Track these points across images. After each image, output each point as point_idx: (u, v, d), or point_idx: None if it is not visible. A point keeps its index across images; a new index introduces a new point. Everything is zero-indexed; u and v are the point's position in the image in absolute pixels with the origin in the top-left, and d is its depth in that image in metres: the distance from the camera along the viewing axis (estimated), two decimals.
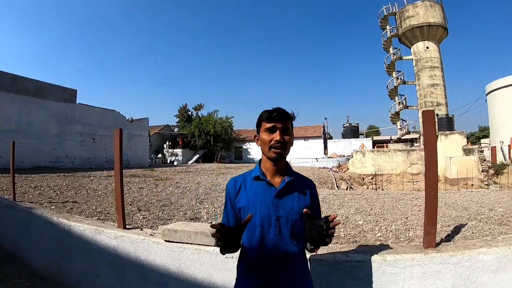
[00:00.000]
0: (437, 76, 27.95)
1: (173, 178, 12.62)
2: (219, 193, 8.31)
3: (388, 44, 30.89)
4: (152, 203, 6.52)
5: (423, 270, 2.13)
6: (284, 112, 1.54)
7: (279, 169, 1.57)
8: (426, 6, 27.92)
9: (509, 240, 2.41)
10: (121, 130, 3.27)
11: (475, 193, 7.89)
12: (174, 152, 37.79)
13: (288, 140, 1.53)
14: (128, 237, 2.93)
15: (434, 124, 2.38)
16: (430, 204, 2.36)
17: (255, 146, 44.17)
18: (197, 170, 19.30)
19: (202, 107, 43.95)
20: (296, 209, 1.52)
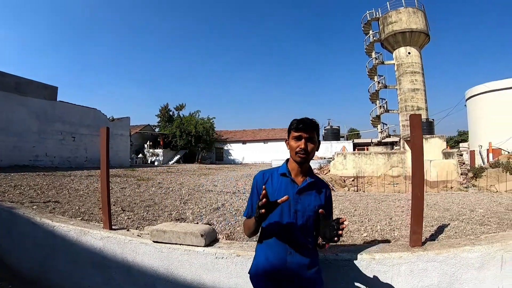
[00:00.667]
0: (418, 81, 28.53)
1: (155, 179, 12.48)
2: (202, 194, 8.26)
3: (371, 48, 31.36)
4: (135, 204, 6.44)
5: (410, 268, 2.19)
6: (310, 123, 1.75)
7: (302, 170, 1.81)
8: (409, 13, 28.45)
9: (491, 238, 2.49)
10: (108, 129, 3.21)
11: (456, 195, 8.09)
12: (155, 152, 37.34)
13: (312, 148, 1.75)
14: (115, 238, 2.87)
15: (421, 128, 2.47)
16: (416, 204, 2.43)
17: (236, 147, 44.35)
18: (179, 170, 19.11)
19: (184, 107, 43.67)
20: (312, 206, 1.75)
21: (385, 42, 29.76)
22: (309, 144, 1.74)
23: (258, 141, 44.74)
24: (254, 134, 46.71)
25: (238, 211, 6.07)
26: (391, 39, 28.91)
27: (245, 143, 45.03)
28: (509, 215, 4.66)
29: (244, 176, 16.16)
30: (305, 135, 1.73)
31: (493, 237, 2.58)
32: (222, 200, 7.55)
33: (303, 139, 1.73)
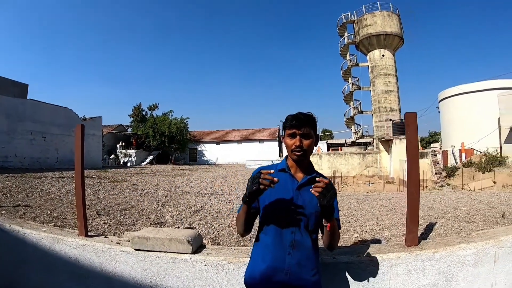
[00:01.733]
0: (392, 83, 29.10)
1: (129, 180, 12.22)
2: (179, 196, 8.09)
3: (345, 50, 31.68)
4: (111, 207, 6.20)
5: (408, 268, 2.16)
6: (303, 119, 1.66)
7: (301, 167, 1.73)
8: (384, 16, 28.89)
9: (483, 235, 2.49)
10: (83, 127, 2.96)
11: (435, 194, 8.24)
12: (128, 153, 36.56)
13: (309, 143, 1.66)
14: (92, 246, 2.64)
15: (416, 127, 2.44)
16: (412, 203, 2.38)
17: (210, 148, 44.19)
18: (152, 171, 18.83)
19: (157, 107, 43.04)
20: (313, 202, 1.61)
21: (360, 44, 30.20)
22: (304, 141, 1.65)
23: (232, 142, 44.89)
24: (228, 134, 46.74)
25: (219, 214, 5.94)
26: (366, 41, 29.36)
27: (219, 144, 45.08)
28: (492, 212, 4.76)
29: (220, 177, 16.11)
30: (299, 131, 1.64)
31: (485, 233, 2.59)
32: (201, 202, 7.41)
33: (298, 136, 1.65)
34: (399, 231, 3.69)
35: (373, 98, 29.90)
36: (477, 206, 5.51)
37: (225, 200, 8.00)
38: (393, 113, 28.76)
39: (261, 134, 45.45)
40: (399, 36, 29.43)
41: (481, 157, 21.19)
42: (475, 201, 6.15)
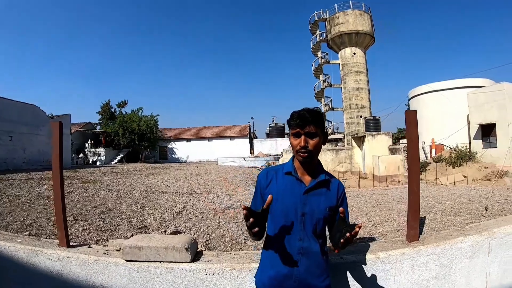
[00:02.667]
0: (362, 80, 29.80)
1: (102, 180, 11.86)
2: (157, 196, 7.89)
3: (317, 48, 32.11)
4: (87, 210, 5.93)
5: (412, 263, 2.18)
6: (308, 117, 1.53)
7: (309, 168, 1.62)
8: (356, 15, 29.52)
9: (477, 228, 2.56)
10: (61, 124, 2.74)
11: None
12: (97, 152, 35.69)
13: (315, 143, 1.55)
14: (76, 258, 2.41)
15: (417, 124, 2.42)
16: (413, 200, 2.40)
17: (181, 145, 43.66)
18: (124, 170, 18.40)
19: (126, 104, 42.27)
20: (322, 207, 1.58)
21: (331, 42, 30.73)
22: (310, 140, 1.53)
23: (202, 139, 44.52)
24: (199, 132, 46.25)
25: (204, 215, 5.81)
26: (338, 39, 29.91)
27: (190, 141, 44.61)
28: (475, 206, 4.91)
29: (194, 175, 15.95)
30: (303, 131, 1.53)
31: (478, 226, 2.66)
32: (181, 202, 7.26)
33: (302, 135, 1.54)
34: (392, 227, 3.72)
35: (344, 95, 30.54)
36: (459, 200, 5.67)
37: (206, 200, 7.88)
38: (364, 110, 29.49)
39: (232, 131, 45.30)
40: (371, 35, 30.20)
41: (451, 153, 22.02)
42: (455, 195, 6.34)
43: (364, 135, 24.63)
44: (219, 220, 5.39)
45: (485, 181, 17.19)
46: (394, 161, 20.80)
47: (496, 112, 19.90)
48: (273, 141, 39.33)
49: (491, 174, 18.05)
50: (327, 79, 31.58)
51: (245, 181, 15.14)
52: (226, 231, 4.63)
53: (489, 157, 20.05)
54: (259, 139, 44.07)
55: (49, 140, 21.08)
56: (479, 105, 21.04)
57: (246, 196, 9.26)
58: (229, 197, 8.97)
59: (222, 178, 15.30)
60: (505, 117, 19.41)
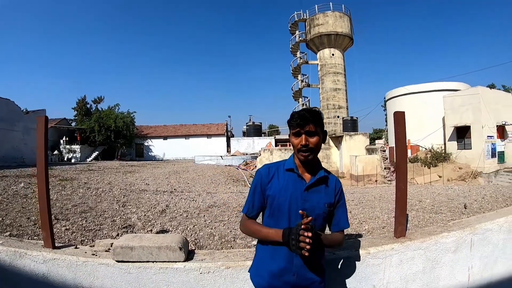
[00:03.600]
0: (340, 81, 30.33)
1: (79, 178, 11.60)
2: (138, 194, 7.79)
3: (296, 48, 32.51)
4: (68, 209, 5.78)
5: (400, 258, 2.27)
6: (308, 116, 1.59)
7: (309, 166, 1.67)
8: (335, 16, 30.10)
9: (459, 224, 2.69)
10: (47, 118, 2.66)
11: (387, 187, 8.59)
12: (72, 149, 34.57)
13: (315, 141, 1.60)
14: (63, 260, 2.31)
15: (405, 124, 2.50)
16: (401, 197, 2.49)
17: (157, 143, 43.16)
18: (100, 168, 18.07)
19: (102, 100, 41.28)
20: (321, 204, 1.63)
21: (311, 42, 31.12)
22: (310, 139, 1.59)
23: (179, 137, 44.11)
24: (175, 129, 45.78)
25: (188, 213, 5.78)
26: (317, 40, 30.31)
27: (166, 139, 44.10)
28: (454, 204, 5.09)
29: (172, 174, 15.85)
30: (303, 130, 1.58)
31: (460, 223, 2.78)
32: (163, 200, 7.20)
33: (303, 134, 1.59)
34: (377, 224, 3.81)
35: (321, 95, 30.97)
36: (438, 198, 5.86)
37: (188, 198, 7.83)
38: (341, 110, 29.98)
39: (209, 129, 45.07)
40: (349, 37, 30.72)
41: (426, 153, 22.64)
42: (434, 194, 6.52)
43: (342, 135, 25.05)
44: (205, 219, 5.37)
45: (459, 181, 17.80)
46: (371, 161, 21.25)
47: (471, 115, 20.60)
48: (250, 140, 39.41)
49: (465, 174, 18.71)
50: (305, 79, 32.00)
51: (224, 179, 15.14)
52: (214, 229, 4.62)
53: (463, 158, 20.76)
54: (236, 138, 43.98)
55: (24, 137, 20.31)
56: (455, 108, 21.75)
57: (228, 194, 9.25)
58: (211, 195, 8.94)
59: (201, 177, 15.24)
60: (479, 119, 20.14)
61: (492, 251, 2.57)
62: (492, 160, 20.55)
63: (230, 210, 6.49)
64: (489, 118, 20.44)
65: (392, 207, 5.00)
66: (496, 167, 20.47)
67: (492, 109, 20.80)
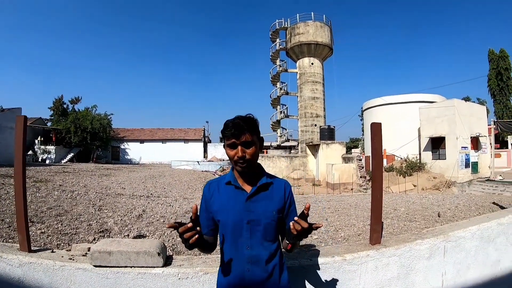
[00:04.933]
0: (318, 90, 30.75)
1: (54, 180, 11.34)
2: (114, 198, 7.69)
3: (276, 56, 32.78)
4: (43, 212, 5.65)
5: (376, 264, 2.31)
6: (243, 125, 1.49)
7: (250, 176, 1.60)
8: (316, 26, 30.54)
9: (433, 232, 2.77)
10: (26, 118, 2.62)
11: (363, 196, 8.75)
12: (47, 149, 33.60)
13: (252, 152, 1.52)
14: (40, 264, 2.27)
15: (381, 136, 2.57)
16: (376, 206, 2.55)
17: (133, 146, 42.83)
18: (75, 170, 17.72)
19: (80, 101, 40.56)
20: (268, 212, 1.56)
21: (291, 51, 31.47)
22: (247, 150, 1.50)
23: (156, 141, 44.00)
24: (152, 133, 45.58)
25: (165, 218, 5.73)
26: (297, 49, 30.68)
27: (143, 142, 43.91)
28: (428, 212, 5.24)
29: (148, 178, 15.69)
30: (238, 141, 1.49)
31: (434, 230, 2.87)
32: (139, 205, 7.11)
33: (238, 146, 1.49)
34: (353, 231, 3.88)
35: (299, 103, 31.31)
36: (413, 207, 6.01)
37: (165, 203, 7.77)
38: (318, 119, 30.39)
39: (186, 134, 45.00)
40: (329, 47, 31.26)
41: (401, 163, 23.17)
42: (408, 202, 6.69)
43: (319, 144, 25.36)
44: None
45: (434, 190, 18.29)
46: (347, 169, 21.59)
47: (446, 126, 21.23)
48: None
49: (439, 184, 19.24)
50: (284, 87, 32.30)
51: (201, 185, 15.12)
52: None
53: (438, 168, 21.35)
54: (213, 144, 44.01)
55: None
56: (430, 119, 22.40)
57: None
58: (188, 200, 8.89)
59: (177, 182, 15.15)
60: (454, 131, 20.78)
61: (465, 258, 2.67)
62: (466, 170, 21.20)
63: None
64: (463, 130, 21.11)
65: (367, 215, 5.11)
66: (469, 177, 21.12)
67: (467, 121, 21.52)
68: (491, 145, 23.11)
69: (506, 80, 38.60)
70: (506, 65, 38.58)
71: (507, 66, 38.62)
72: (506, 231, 3.09)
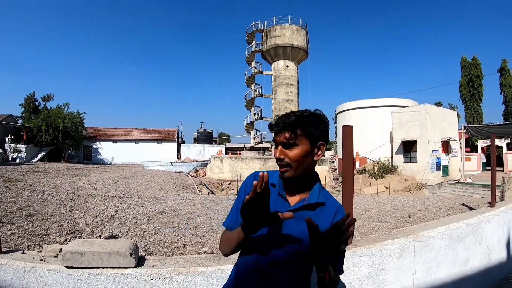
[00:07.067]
0: (293, 93, 31.07)
1: (24, 180, 10.96)
2: (86, 199, 7.52)
3: (251, 58, 32.82)
4: (13, 213, 5.47)
5: (347, 263, 2.33)
6: (282, 122, 1.26)
7: (296, 185, 1.29)
8: (292, 30, 30.78)
9: (403, 232, 2.87)
10: None
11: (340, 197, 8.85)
12: (17, 148, 32.18)
13: (295, 155, 1.22)
14: (10, 265, 2.18)
15: (352, 138, 2.63)
16: (347, 206, 2.61)
17: (106, 146, 41.99)
18: (46, 170, 17.10)
19: (52, 98, 39.23)
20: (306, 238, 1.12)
21: (266, 53, 31.59)
22: (288, 151, 1.23)
23: (129, 141, 43.13)
24: (125, 133, 44.59)
25: (137, 219, 5.65)
26: (272, 51, 30.83)
27: (116, 142, 42.87)
28: (399, 213, 5.39)
29: (121, 178, 15.46)
30: (279, 139, 1.25)
31: (404, 230, 2.98)
32: (112, 206, 6.99)
33: (279, 145, 1.26)
34: None
35: (274, 105, 31.51)
36: (384, 208, 6.16)
37: (137, 204, 7.67)
38: None
39: (159, 134, 44.34)
40: (305, 50, 31.57)
41: (374, 165, 23.69)
42: (379, 204, 6.85)
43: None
44: (154, 225, 5.28)
45: (405, 192, 18.79)
46: (320, 171, 21.80)
47: (418, 130, 21.88)
48: (200, 147, 39.22)
49: (411, 186, 19.79)
50: (258, 89, 32.42)
51: (174, 186, 14.97)
52: (164, 236, 4.56)
53: (409, 171, 21.94)
54: (187, 144, 43.62)
55: None
56: (403, 123, 23.03)
57: (177, 201, 9.16)
58: (160, 201, 8.81)
59: (150, 182, 14.96)
60: (425, 135, 21.43)
61: (434, 257, 2.79)
62: (437, 173, 21.92)
63: (179, 217, 6.44)
64: (434, 134, 21.79)
65: None
66: (440, 179, 21.84)
67: (438, 125, 22.24)
68: (461, 149, 23.99)
69: (477, 87, 40.28)
70: (477, 72, 40.24)
71: (479, 73, 40.30)
72: (475, 231, 3.24)
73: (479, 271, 3.30)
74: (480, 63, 40.61)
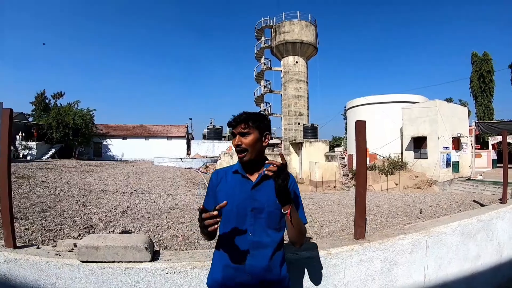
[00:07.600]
0: (302, 88, 30.90)
1: (36, 176, 11.11)
2: (97, 195, 7.58)
3: (261, 54, 32.73)
4: (26, 208, 5.55)
5: (360, 258, 2.37)
6: (238, 117, 1.66)
7: (253, 166, 1.69)
8: (302, 25, 30.62)
9: (415, 228, 2.87)
10: (12, 111, 2.55)
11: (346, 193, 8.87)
12: (28, 145, 32.64)
13: (250, 140, 1.63)
14: (26, 260, 2.22)
15: (365, 133, 2.64)
16: (360, 201, 2.60)
17: (116, 143, 42.20)
18: (57, 167, 17.41)
19: (62, 96, 40.05)
20: (271, 201, 1.59)
21: (275, 49, 31.47)
22: (243, 139, 1.63)
23: (139, 137, 43.38)
24: (135, 129, 44.84)
25: (150, 214, 5.70)
26: (282, 47, 30.69)
27: (126, 139, 43.15)
28: (410, 209, 5.36)
29: (132, 175, 15.56)
30: (236, 131, 1.66)
31: (416, 226, 2.98)
32: (124, 201, 7.05)
33: (237, 135, 1.65)
34: (337, 227, 3.94)
35: (283, 101, 31.41)
36: (395, 204, 6.13)
37: (149, 200, 7.73)
38: (302, 117, 30.51)
39: (169, 130, 44.54)
40: (314, 46, 31.37)
41: (384, 162, 23.51)
42: (390, 200, 6.82)
43: (302, 142, 25.53)
44: (167, 220, 5.33)
45: (415, 188, 18.64)
46: (330, 168, 21.79)
47: (428, 126, 21.65)
48: (210, 143, 39.35)
49: (421, 182, 19.63)
50: (268, 85, 32.30)
51: (185, 182, 15.05)
52: (177, 230, 4.61)
53: (419, 167, 21.73)
54: (196, 141, 43.66)
55: None
56: (413, 119, 22.79)
57: (189, 196, 9.21)
58: (172, 197, 8.86)
59: (161, 178, 15.05)
60: (436, 131, 21.20)
61: (446, 253, 2.78)
62: (447, 169, 21.68)
63: (192, 212, 6.48)
64: (445, 130, 21.55)
65: (350, 211, 5.21)
66: (450, 176, 21.61)
67: (448, 121, 21.98)
68: (472, 145, 23.66)
69: (488, 83, 39.60)
70: (488, 68, 39.53)
71: (490, 68, 39.58)
72: (486, 227, 3.21)
73: (490, 267, 3.28)
74: (491, 59, 39.90)
